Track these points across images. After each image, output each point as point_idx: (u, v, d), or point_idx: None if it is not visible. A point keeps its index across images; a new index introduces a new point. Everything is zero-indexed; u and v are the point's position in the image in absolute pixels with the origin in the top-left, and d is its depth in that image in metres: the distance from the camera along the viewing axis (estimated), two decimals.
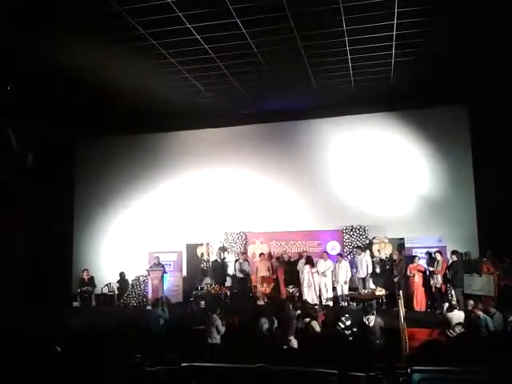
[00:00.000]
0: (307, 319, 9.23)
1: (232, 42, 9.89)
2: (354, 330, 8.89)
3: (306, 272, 12.34)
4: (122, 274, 14.61)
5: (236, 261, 13.60)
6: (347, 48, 10.33)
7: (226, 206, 14.88)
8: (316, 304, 11.57)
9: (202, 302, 12.72)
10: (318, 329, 8.84)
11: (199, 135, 15.50)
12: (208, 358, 7.65)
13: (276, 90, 12.95)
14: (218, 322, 8.89)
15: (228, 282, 13.61)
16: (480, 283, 10.79)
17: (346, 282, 12.35)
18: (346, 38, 9.86)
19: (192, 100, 13.44)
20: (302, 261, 12.66)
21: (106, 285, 14.62)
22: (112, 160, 15.75)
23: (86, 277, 14.02)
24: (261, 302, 12.44)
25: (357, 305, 12.13)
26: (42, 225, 14.61)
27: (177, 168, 15.46)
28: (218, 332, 8.85)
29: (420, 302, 11.49)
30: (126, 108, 13.35)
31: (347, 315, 9.28)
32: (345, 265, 12.48)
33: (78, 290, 13.99)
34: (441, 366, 2.90)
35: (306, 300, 11.58)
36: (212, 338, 8.78)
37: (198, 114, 14.34)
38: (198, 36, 9.58)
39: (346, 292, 12.39)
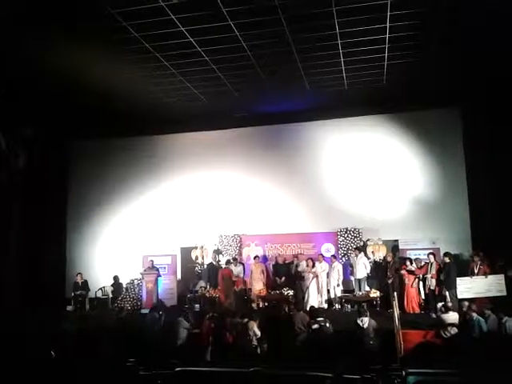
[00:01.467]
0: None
1: (226, 44, 9.91)
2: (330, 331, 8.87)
3: (311, 274, 12.24)
4: (115, 278, 14.54)
5: (230, 263, 13.57)
6: (340, 51, 10.38)
7: (220, 209, 14.87)
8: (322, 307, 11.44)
9: (197, 305, 12.70)
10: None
11: (193, 138, 15.48)
12: (205, 362, 7.65)
13: (270, 93, 12.97)
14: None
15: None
16: (486, 284, 10.50)
17: (338, 285, 12.37)
18: (339, 41, 9.91)
19: (185, 103, 13.44)
20: (304, 263, 12.61)
21: (100, 288, 14.55)
22: (106, 163, 15.70)
23: (79, 280, 13.94)
24: (255, 305, 12.45)
25: (351, 307, 12.15)
26: (35, 227, 14.52)
27: (170, 171, 15.44)
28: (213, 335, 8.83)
29: (414, 304, 11.52)
30: (121, 111, 13.33)
31: (321, 318, 9.23)
32: (337, 267, 12.51)
33: (72, 294, 13.91)
34: (435, 367, 2.90)
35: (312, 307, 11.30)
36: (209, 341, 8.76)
37: (191, 117, 14.33)
38: (191, 39, 9.59)
39: (339, 294, 12.40)
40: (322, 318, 9.12)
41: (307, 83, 12.28)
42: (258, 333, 8.70)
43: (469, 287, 10.57)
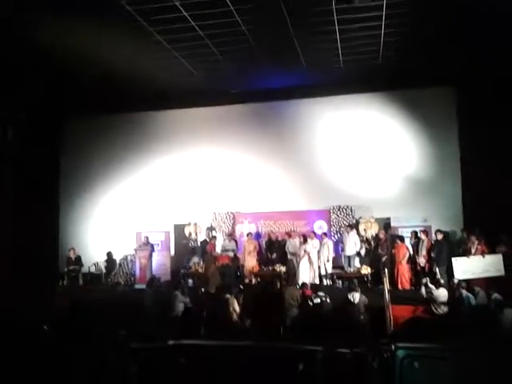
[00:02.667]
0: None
1: (220, 19, 9.74)
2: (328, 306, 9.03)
3: (303, 250, 12.34)
4: (109, 254, 14.57)
5: (224, 240, 13.67)
6: (336, 27, 10.24)
7: (214, 186, 14.85)
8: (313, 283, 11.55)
9: (190, 281, 12.80)
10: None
11: (187, 115, 15.34)
12: (200, 336, 7.76)
13: (265, 70, 12.81)
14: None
15: None
16: (484, 264, 10.24)
17: (328, 260, 12.48)
18: (336, 17, 9.76)
19: (179, 79, 13.24)
20: (297, 240, 12.68)
21: (94, 264, 14.59)
22: (99, 139, 15.55)
23: (72, 256, 13.94)
24: (248, 281, 12.59)
25: (342, 283, 12.29)
26: (27, 204, 14.44)
27: (164, 147, 15.32)
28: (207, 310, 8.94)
29: (404, 280, 11.66)
30: (114, 87, 13.13)
31: (322, 293, 9.41)
32: (328, 243, 12.59)
33: (65, 269, 13.95)
34: (424, 342, 2.95)
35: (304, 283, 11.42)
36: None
37: (185, 94, 14.15)
38: (185, 13, 9.42)
39: (330, 270, 12.51)
40: (322, 293, 9.27)
41: (303, 60, 12.13)
42: (238, 309, 8.85)
43: (466, 267, 10.30)
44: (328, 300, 9.26)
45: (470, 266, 10.33)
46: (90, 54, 11.12)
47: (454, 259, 10.54)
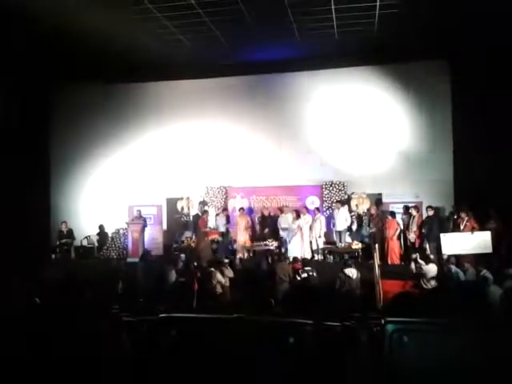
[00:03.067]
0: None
1: None
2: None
3: (295, 225, 12.37)
4: (101, 227, 14.56)
5: (216, 215, 13.69)
6: None
7: (206, 160, 14.77)
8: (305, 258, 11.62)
9: (183, 255, 12.84)
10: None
11: (178, 86, 15.14)
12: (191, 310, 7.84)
13: (258, 41, 12.60)
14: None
15: None
16: (472, 241, 10.34)
17: (320, 236, 12.55)
18: None
19: (171, 49, 13.01)
20: (289, 215, 12.70)
21: (86, 237, 14.58)
22: (90, 110, 15.32)
23: (64, 229, 13.93)
24: (240, 255, 12.68)
25: (334, 258, 12.41)
26: (18, 176, 14.30)
27: (157, 120, 15.15)
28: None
29: (394, 256, 11.78)
30: (103, 56, 12.90)
31: (309, 268, 9.51)
32: (320, 219, 12.65)
33: (57, 243, 13.94)
34: (414, 316, 2.98)
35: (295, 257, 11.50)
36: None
37: (176, 65, 13.95)
38: None
39: (321, 245, 12.60)
40: (309, 268, 9.37)
41: (297, 32, 11.94)
42: (223, 281, 8.96)
43: (454, 243, 10.41)
44: (315, 274, 9.36)
45: (458, 242, 10.43)
46: (79, 23, 10.87)
47: (442, 235, 10.64)
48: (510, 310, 6.74)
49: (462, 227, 10.98)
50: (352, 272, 9.02)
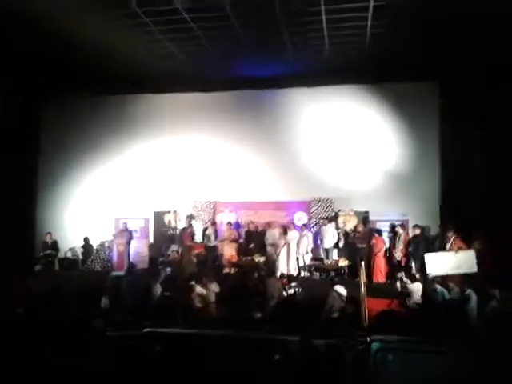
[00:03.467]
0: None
1: (206, 3, 9.62)
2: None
3: (282, 241, 12.37)
4: (86, 239, 14.41)
5: (204, 229, 13.64)
6: (323, 17, 10.22)
7: (195, 174, 14.76)
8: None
9: (168, 269, 12.73)
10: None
11: (169, 100, 15.16)
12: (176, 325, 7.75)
13: (250, 57, 12.72)
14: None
15: None
16: (456, 260, 10.14)
17: (307, 252, 12.55)
18: (323, 7, 9.74)
19: (163, 63, 13.08)
20: (276, 231, 12.70)
21: (70, 249, 14.40)
22: (79, 122, 15.25)
23: (49, 240, 13.76)
24: (227, 271, 12.60)
25: (320, 275, 12.40)
26: (4, 186, 14.14)
27: (146, 133, 15.12)
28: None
29: (380, 274, 11.80)
30: (95, 68, 12.91)
31: (295, 284, 9.52)
32: (307, 235, 12.66)
33: (41, 254, 13.75)
34: (399, 335, 2.99)
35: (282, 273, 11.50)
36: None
37: (168, 78, 14.00)
38: None
39: (308, 262, 12.59)
40: (295, 284, 9.34)
41: (289, 49, 12.08)
42: (204, 293, 8.92)
43: (438, 263, 10.21)
44: (300, 290, 9.34)
45: (442, 262, 10.26)
46: (71, 34, 10.89)
47: (426, 255, 10.53)
48: (494, 329, 6.78)
49: (448, 246, 10.95)
50: (342, 290, 9.03)
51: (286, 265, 12.21)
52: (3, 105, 13.69)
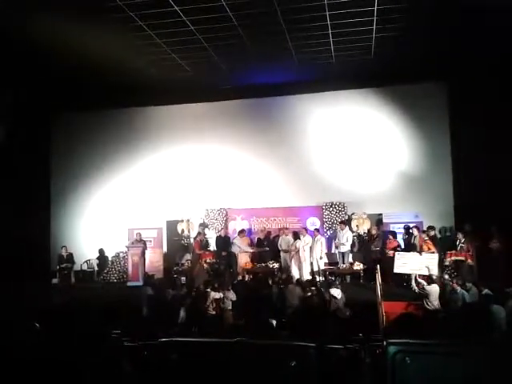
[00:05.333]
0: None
1: (212, 14, 9.69)
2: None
3: (295, 246, 12.30)
4: (101, 251, 14.52)
5: (218, 237, 13.66)
6: (328, 22, 10.23)
7: (207, 183, 14.82)
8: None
9: (183, 278, 12.76)
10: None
11: (179, 110, 15.28)
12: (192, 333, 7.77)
13: (257, 65, 12.79)
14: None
15: None
16: (420, 261, 10.47)
17: (321, 257, 12.49)
18: (327, 13, 9.75)
19: (170, 74, 13.20)
20: (290, 236, 12.66)
21: (86, 261, 14.53)
22: (90, 135, 15.45)
23: (64, 253, 13.88)
24: (241, 278, 12.59)
25: (335, 279, 12.30)
26: (18, 201, 14.33)
27: (157, 144, 15.26)
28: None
29: (396, 276, 11.68)
30: (104, 82, 13.07)
31: (313, 288, 9.51)
32: (320, 240, 12.61)
33: (57, 267, 13.86)
34: (416, 338, 2.96)
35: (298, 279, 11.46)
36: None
37: (176, 89, 14.11)
38: (176, 8, 9.36)
39: (322, 267, 12.53)
40: (314, 288, 9.33)
41: (295, 56, 12.13)
42: (217, 297, 8.90)
43: (404, 263, 10.67)
44: (316, 297, 9.30)
45: (408, 262, 10.65)
46: (80, 48, 11.04)
47: (396, 254, 10.95)
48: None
49: (458, 247, 11.08)
50: (336, 292, 9.00)
51: (300, 270, 12.16)
52: (14, 122, 13.89)
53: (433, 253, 10.76)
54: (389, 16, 10.00)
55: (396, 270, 10.62)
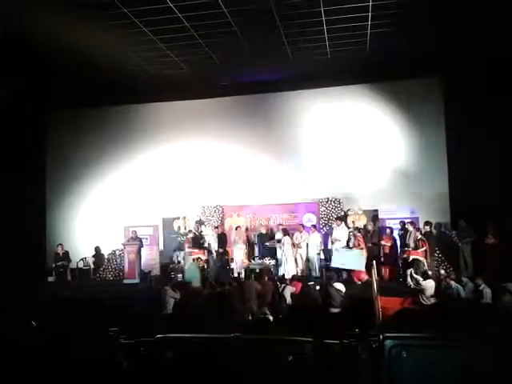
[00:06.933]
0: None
1: (207, 11, 9.66)
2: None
3: (285, 244, 12.38)
4: (97, 249, 14.49)
5: (214, 234, 13.64)
6: (323, 18, 10.21)
7: (202, 179, 14.80)
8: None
9: (180, 276, 12.76)
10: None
11: (174, 107, 15.24)
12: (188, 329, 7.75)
13: (252, 62, 12.76)
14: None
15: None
16: (347, 257, 11.24)
17: (318, 253, 12.50)
18: (323, 8, 9.74)
19: (166, 71, 13.17)
20: (279, 233, 12.71)
21: (82, 259, 14.50)
22: (85, 132, 15.38)
23: (60, 251, 13.84)
24: (237, 274, 12.60)
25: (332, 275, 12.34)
26: (14, 199, 14.27)
27: (152, 141, 15.22)
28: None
29: (391, 272, 11.74)
30: (100, 79, 13.03)
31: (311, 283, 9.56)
32: (317, 236, 12.62)
33: (53, 265, 13.83)
34: (412, 332, 2.98)
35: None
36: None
37: (171, 86, 14.08)
38: (171, 4, 9.33)
39: (319, 263, 12.53)
40: (312, 283, 9.37)
41: (290, 52, 12.11)
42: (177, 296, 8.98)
43: (338, 258, 11.45)
44: (314, 291, 9.33)
45: (340, 257, 11.40)
46: (76, 45, 10.99)
47: (334, 249, 11.68)
48: (509, 324, 6.71)
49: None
50: (340, 286, 9.04)
51: (296, 266, 12.17)
52: (10, 118, 13.82)
53: (360, 249, 11.32)
54: (384, 11, 9.99)
55: (332, 264, 11.58)
